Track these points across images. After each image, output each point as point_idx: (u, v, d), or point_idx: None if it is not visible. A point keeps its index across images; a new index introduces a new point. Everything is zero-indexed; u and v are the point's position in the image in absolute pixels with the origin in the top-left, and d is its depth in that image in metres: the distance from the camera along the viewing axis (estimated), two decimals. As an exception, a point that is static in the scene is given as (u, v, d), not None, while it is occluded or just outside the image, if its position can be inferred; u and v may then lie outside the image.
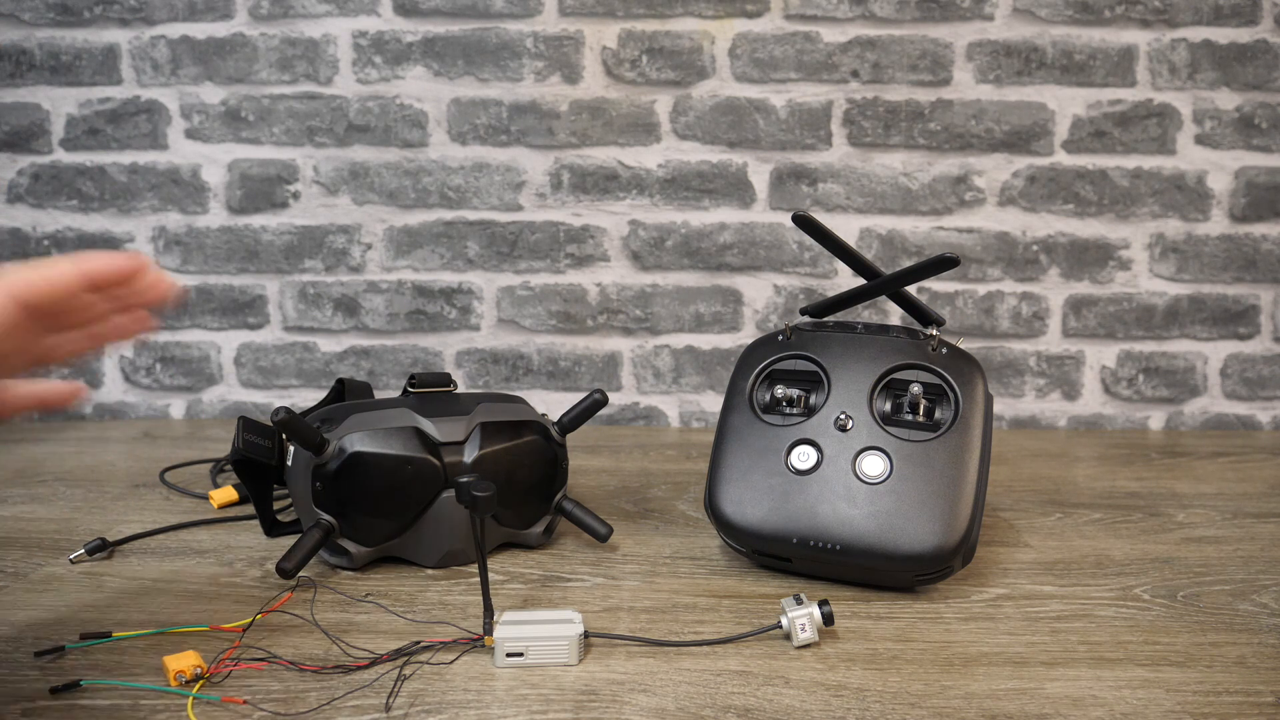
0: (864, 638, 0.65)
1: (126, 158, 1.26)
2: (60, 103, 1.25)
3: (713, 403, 1.29)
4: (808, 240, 1.25)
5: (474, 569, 0.76)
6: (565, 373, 1.29)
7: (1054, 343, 1.27)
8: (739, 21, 1.22)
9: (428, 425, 0.75)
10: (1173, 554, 0.81)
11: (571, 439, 0.99)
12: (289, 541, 0.80)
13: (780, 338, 0.80)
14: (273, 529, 0.82)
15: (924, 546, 0.68)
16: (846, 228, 1.25)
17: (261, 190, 1.26)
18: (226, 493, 0.92)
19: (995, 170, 1.24)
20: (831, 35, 1.22)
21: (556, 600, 0.71)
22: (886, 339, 0.77)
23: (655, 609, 0.69)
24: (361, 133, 1.24)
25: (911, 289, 1.23)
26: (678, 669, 0.60)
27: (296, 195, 1.26)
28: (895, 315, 1.27)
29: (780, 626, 0.64)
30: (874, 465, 0.71)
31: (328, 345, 1.29)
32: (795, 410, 0.76)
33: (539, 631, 0.61)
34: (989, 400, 0.74)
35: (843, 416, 0.73)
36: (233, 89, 1.24)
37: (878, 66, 1.22)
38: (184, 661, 0.58)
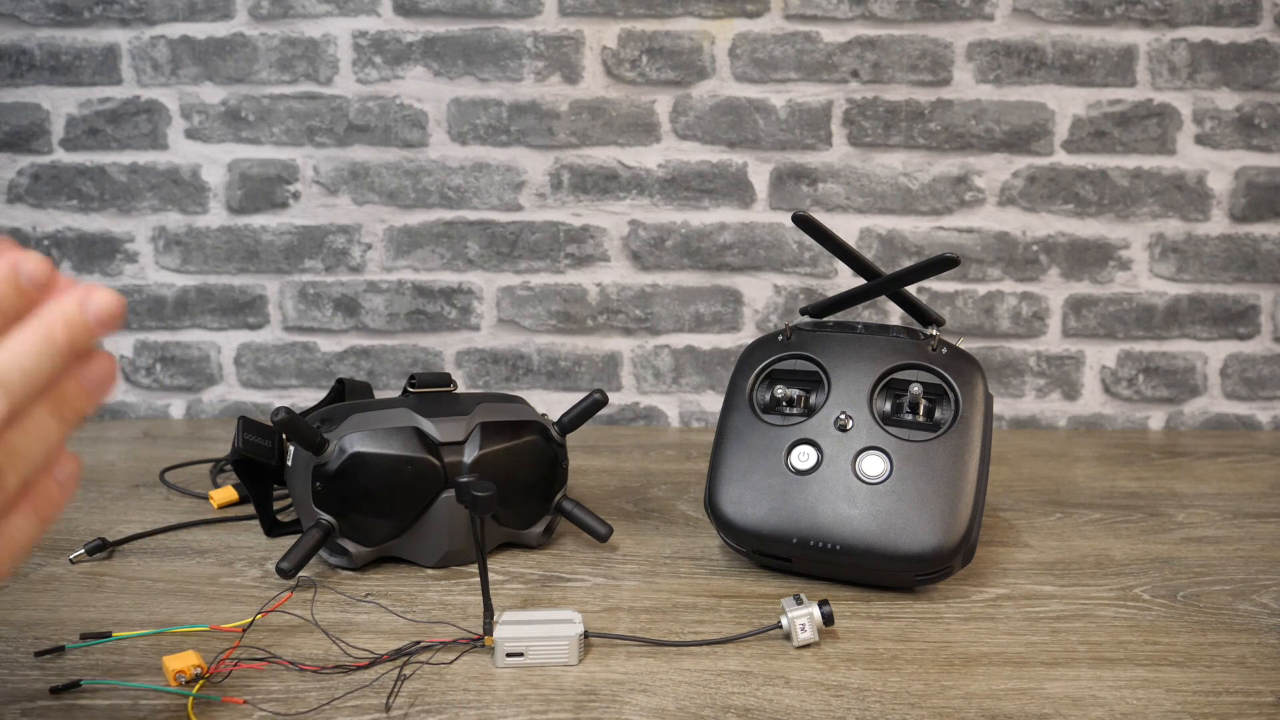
0: (864, 638, 0.65)
1: (126, 158, 1.26)
2: (60, 103, 1.25)
3: (713, 403, 1.29)
4: (808, 240, 1.25)
5: (474, 569, 0.76)
6: (565, 373, 1.29)
7: (1054, 343, 1.27)
8: (739, 21, 1.22)
9: (428, 425, 0.75)
10: (1173, 554, 0.81)
11: (571, 439, 0.99)
12: (289, 541, 0.80)
13: (780, 338, 0.80)
14: (273, 529, 0.82)
15: (924, 546, 0.68)
16: (846, 228, 1.25)
17: (261, 190, 1.26)
18: (226, 493, 0.92)
19: (995, 170, 1.24)
20: (831, 35, 1.22)
21: (556, 600, 0.71)
22: (886, 339, 0.77)
23: (655, 609, 0.69)
24: (361, 133, 1.24)
25: (911, 289, 1.23)
26: (678, 669, 0.60)
27: (296, 195, 1.26)
28: (895, 315, 1.27)
29: (780, 626, 0.64)
30: (874, 465, 0.71)
31: (328, 345, 1.29)
32: (795, 410, 0.76)
33: (539, 631, 0.61)
34: (989, 400, 0.74)
35: (843, 416, 0.73)
36: (233, 89, 1.24)
37: (878, 66, 1.22)
38: (184, 661, 0.58)
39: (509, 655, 0.60)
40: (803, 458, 0.73)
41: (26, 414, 0.32)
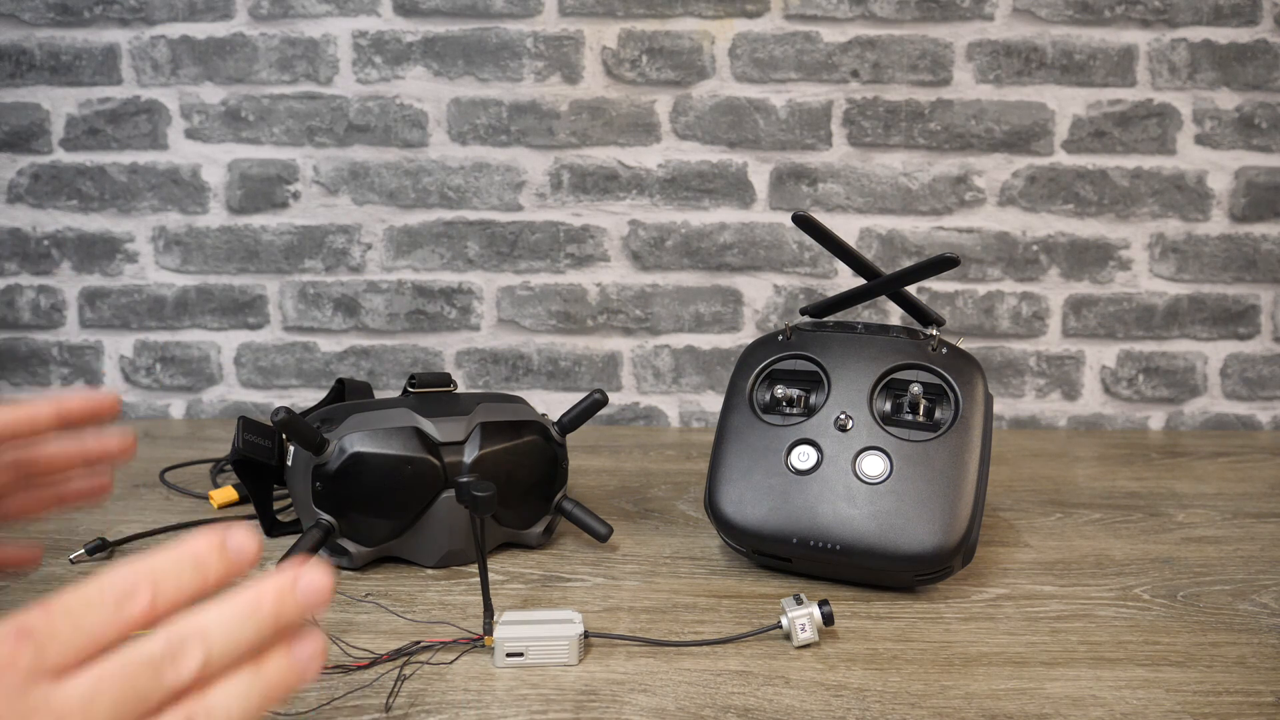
0: (864, 638, 0.65)
1: (126, 158, 1.26)
2: (60, 103, 1.25)
3: (713, 403, 1.29)
4: (808, 240, 1.25)
5: (474, 569, 0.76)
6: (565, 373, 1.29)
7: (1054, 343, 1.27)
8: (739, 21, 1.22)
9: (428, 425, 0.75)
10: (1173, 554, 0.81)
11: (571, 439, 0.99)
12: (289, 541, 0.80)
13: (780, 338, 0.80)
14: (273, 529, 0.82)
15: (924, 546, 0.68)
16: (846, 228, 1.25)
17: (261, 190, 1.26)
18: (226, 493, 0.92)
19: (995, 170, 1.24)
20: (831, 35, 1.22)
21: (556, 600, 0.71)
22: (886, 339, 0.77)
23: (655, 609, 0.69)
24: (361, 133, 1.24)
25: (911, 289, 1.23)
26: (678, 669, 0.60)
27: (296, 195, 1.26)
28: (895, 315, 1.27)
29: (780, 626, 0.64)
30: (874, 465, 0.71)
31: (328, 345, 1.29)
32: (795, 410, 0.76)
33: (539, 631, 0.61)
34: (989, 400, 0.74)
35: (843, 416, 0.73)
36: (233, 89, 1.24)
37: (878, 66, 1.22)
38: (184, 661, 0.57)
39: (509, 655, 0.60)
40: (803, 458, 0.73)
41: (226, 673, 0.32)
